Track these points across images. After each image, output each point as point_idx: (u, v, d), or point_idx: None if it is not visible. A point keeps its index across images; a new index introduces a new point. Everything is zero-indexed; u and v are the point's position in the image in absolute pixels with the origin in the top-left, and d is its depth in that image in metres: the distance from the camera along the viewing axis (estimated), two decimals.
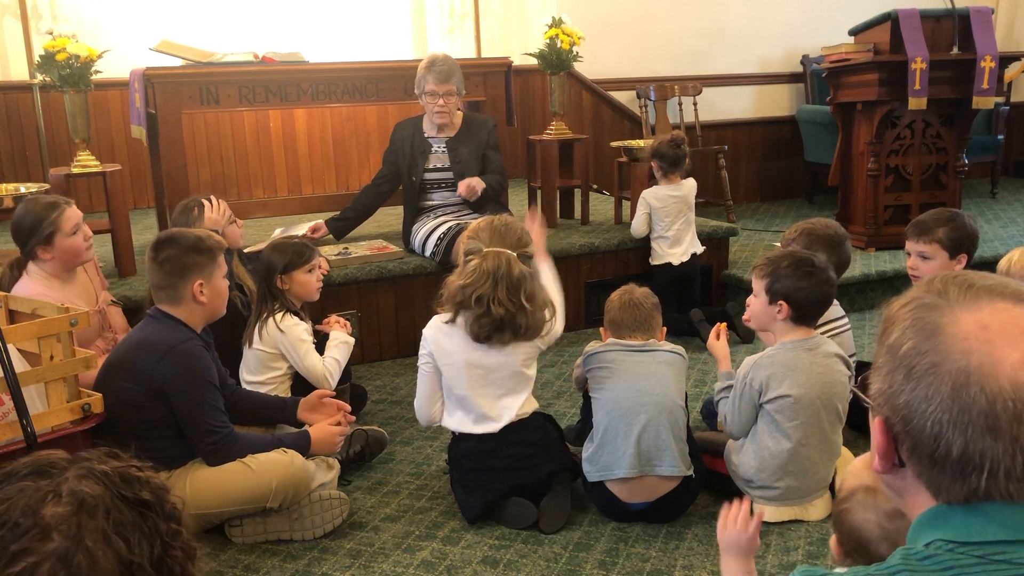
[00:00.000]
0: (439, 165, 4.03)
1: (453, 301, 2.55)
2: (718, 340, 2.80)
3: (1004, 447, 0.84)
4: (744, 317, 2.74)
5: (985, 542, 0.85)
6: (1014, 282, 0.93)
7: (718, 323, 2.87)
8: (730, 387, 2.64)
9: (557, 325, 2.67)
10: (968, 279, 0.93)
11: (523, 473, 2.55)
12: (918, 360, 0.89)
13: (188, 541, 0.96)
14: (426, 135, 4.04)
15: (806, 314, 2.55)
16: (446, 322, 2.58)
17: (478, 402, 2.55)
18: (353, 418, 2.79)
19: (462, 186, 3.90)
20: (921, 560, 0.86)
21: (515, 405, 2.57)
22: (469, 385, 2.54)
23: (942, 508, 0.89)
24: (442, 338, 2.58)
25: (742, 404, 2.56)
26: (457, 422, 2.59)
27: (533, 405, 2.63)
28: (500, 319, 2.49)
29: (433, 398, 2.63)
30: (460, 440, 2.60)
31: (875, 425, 0.95)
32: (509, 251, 2.53)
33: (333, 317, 3.22)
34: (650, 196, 4.18)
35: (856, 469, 1.51)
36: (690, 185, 4.21)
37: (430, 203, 4.09)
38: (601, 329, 2.77)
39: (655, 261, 4.22)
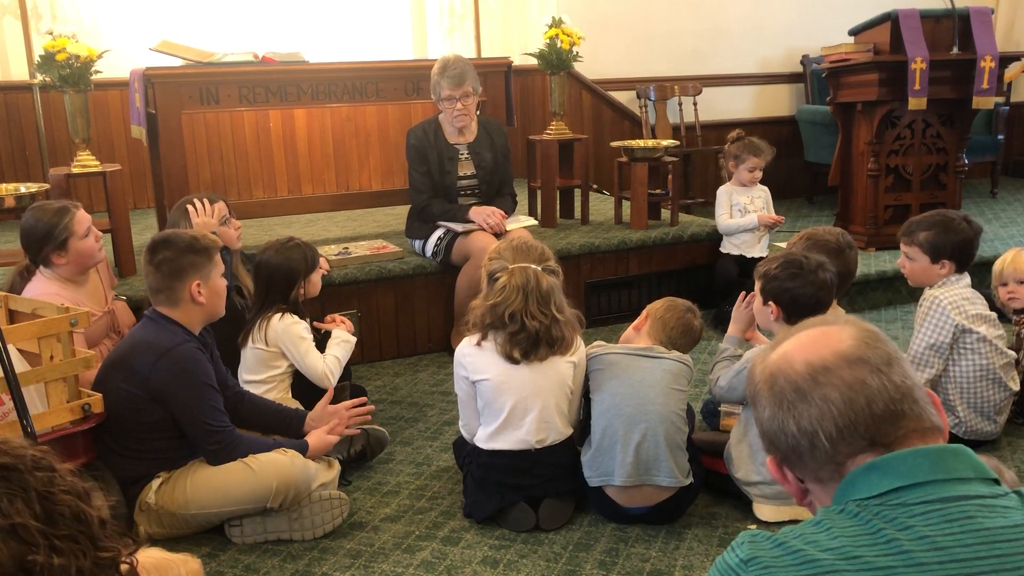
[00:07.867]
0: (467, 172, 4.02)
1: (482, 323, 2.53)
2: (744, 307, 2.79)
3: (818, 408, 1.04)
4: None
5: (882, 492, 1.00)
6: (830, 317, 1.16)
7: (744, 291, 2.84)
8: (733, 356, 2.70)
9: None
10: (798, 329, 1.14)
11: (548, 489, 2.55)
12: (751, 392, 1.14)
13: (75, 483, 1.02)
14: (449, 141, 3.99)
15: (799, 316, 2.53)
16: (475, 344, 2.56)
17: (515, 418, 2.52)
18: (358, 420, 2.75)
19: (487, 224, 3.83)
20: (837, 513, 1.02)
21: (555, 424, 2.55)
22: (510, 402, 2.52)
23: (846, 478, 1.04)
24: (475, 357, 2.56)
25: (737, 381, 2.59)
26: (491, 438, 2.55)
27: (569, 429, 2.61)
28: (536, 333, 2.48)
29: (476, 418, 2.62)
30: (492, 452, 2.56)
31: (768, 465, 1.15)
32: (534, 265, 2.54)
33: (338, 317, 3.21)
34: None
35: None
36: None
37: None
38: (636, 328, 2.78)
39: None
